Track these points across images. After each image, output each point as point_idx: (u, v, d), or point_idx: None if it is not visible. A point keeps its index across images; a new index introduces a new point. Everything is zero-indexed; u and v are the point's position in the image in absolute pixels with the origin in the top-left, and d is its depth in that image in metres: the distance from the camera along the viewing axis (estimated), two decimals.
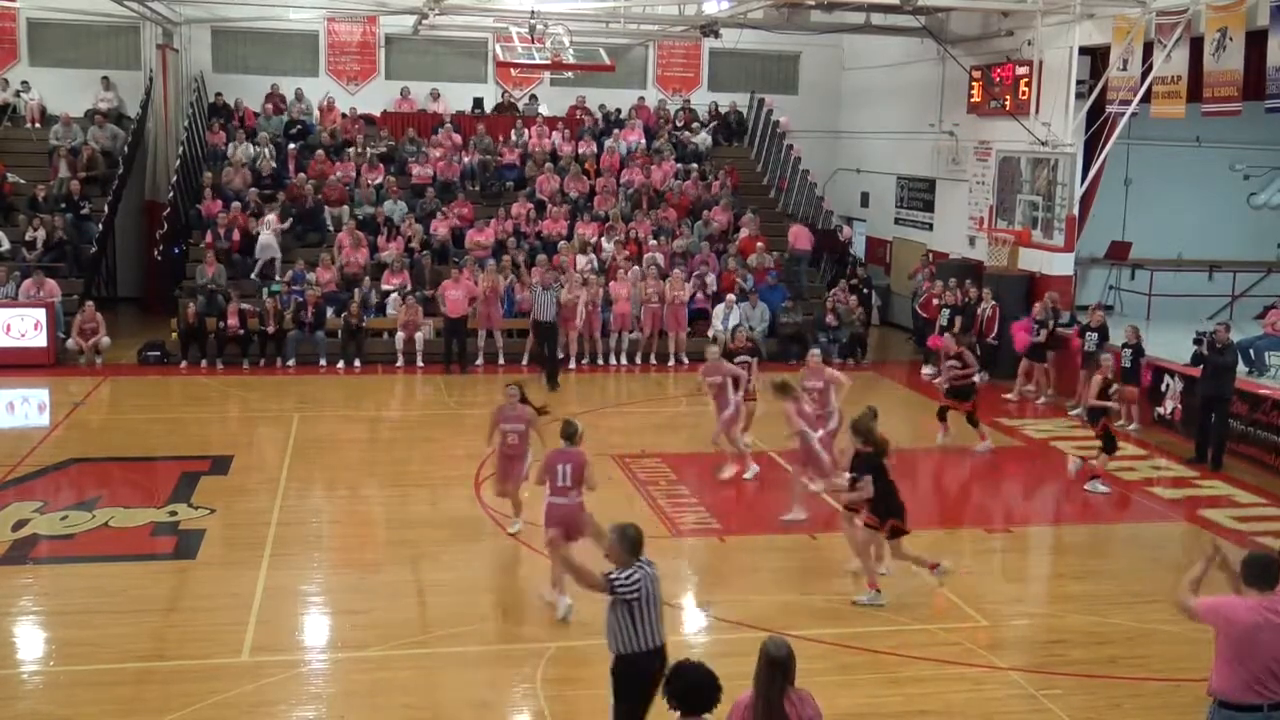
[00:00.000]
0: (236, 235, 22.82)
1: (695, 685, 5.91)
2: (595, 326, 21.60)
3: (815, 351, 15.04)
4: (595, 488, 10.60)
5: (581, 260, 22.91)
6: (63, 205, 23.24)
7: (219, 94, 26.77)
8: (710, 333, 21.96)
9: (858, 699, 8.95)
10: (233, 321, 20.75)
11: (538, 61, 22.59)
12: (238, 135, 25.51)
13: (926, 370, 21.40)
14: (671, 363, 22.03)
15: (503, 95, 28.50)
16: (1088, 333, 18.26)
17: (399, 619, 10.42)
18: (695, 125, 28.27)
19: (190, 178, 25.05)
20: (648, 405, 19.47)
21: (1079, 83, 20.10)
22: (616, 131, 27.57)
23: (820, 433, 13.38)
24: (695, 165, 26.83)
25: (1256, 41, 16.64)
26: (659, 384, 20.85)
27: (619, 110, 28.31)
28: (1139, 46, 18.74)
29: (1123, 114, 19.05)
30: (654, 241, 24.04)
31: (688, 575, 12.03)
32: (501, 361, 21.39)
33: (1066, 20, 19.74)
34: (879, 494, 10.60)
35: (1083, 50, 19.94)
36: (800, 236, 24.99)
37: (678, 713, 5.96)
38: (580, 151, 26.80)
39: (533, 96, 28.54)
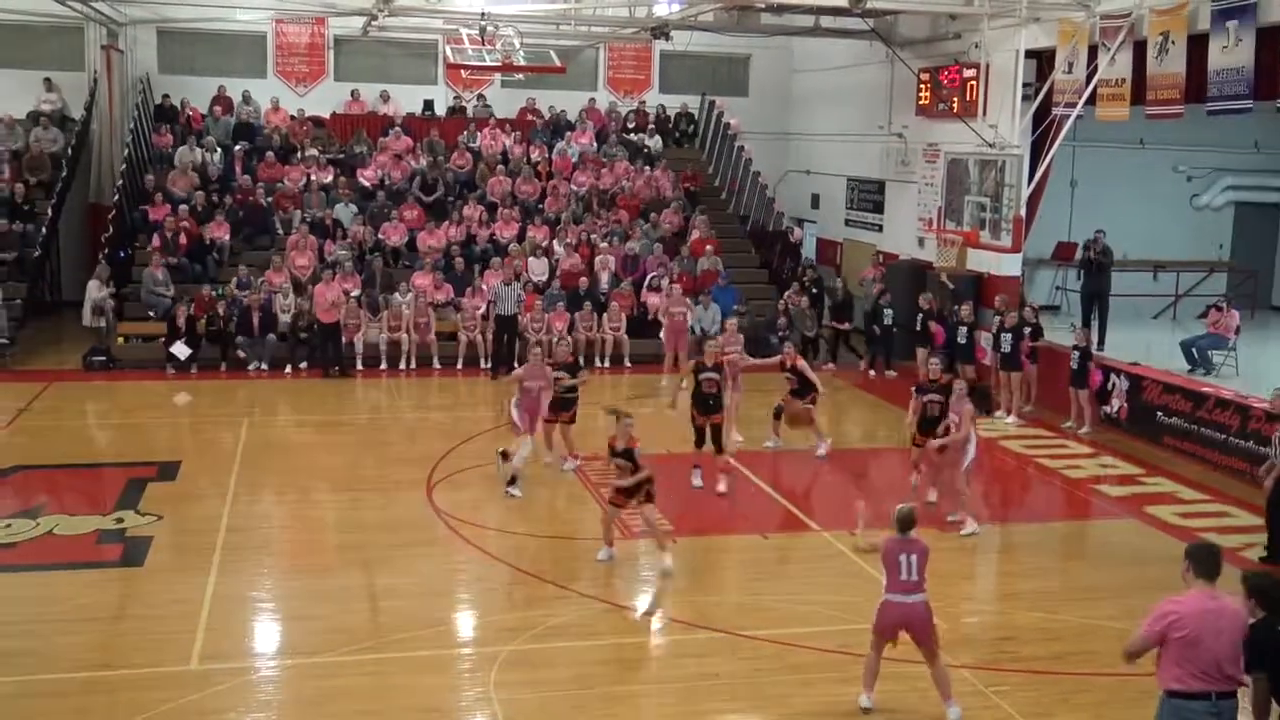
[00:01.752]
0: (184, 239, 22.57)
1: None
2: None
3: (534, 349, 15.38)
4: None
5: (534, 263, 22.88)
6: (5, 208, 22.88)
7: (165, 95, 26.47)
8: (662, 334, 21.98)
9: (811, 699, 8.99)
10: (180, 325, 20.51)
11: (488, 63, 22.51)
12: (187, 138, 25.23)
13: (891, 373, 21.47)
14: (606, 364, 22.01)
15: (454, 98, 28.40)
16: (1074, 351, 17.90)
17: (350, 624, 10.35)
18: (650, 128, 28.33)
19: (136, 180, 24.73)
20: (595, 408, 19.46)
21: (1025, 85, 20.27)
22: (569, 134, 27.56)
23: None
24: (647, 168, 26.86)
25: (1198, 45, 16.87)
26: (612, 386, 20.83)
27: (563, 111, 28.25)
28: (1084, 50, 18.95)
29: (1068, 116, 19.24)
30: (605, 244, 24.04)
31: (641, 577, 12.05)
32: (460, 365, 21.42)
33: (1012, 24, 19.91)
34: None
35: (1029, 53, 20.11)
36: None
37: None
38: (532, 154, 26.75)
39: (480, 96, 28.45)
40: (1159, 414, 16.95)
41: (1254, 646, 6.71)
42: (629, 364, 22.00)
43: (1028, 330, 18.49)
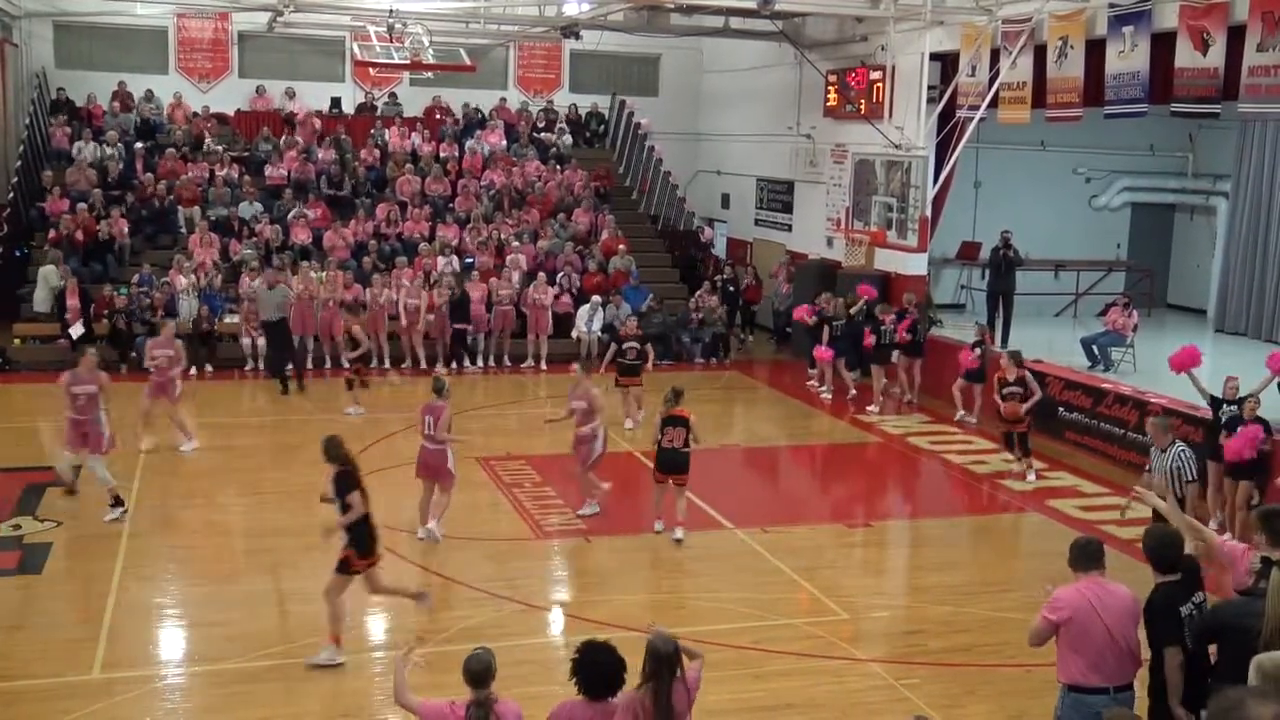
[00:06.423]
0: (82, 236, 22.01)
1: (601, 667, 6.04)
2: (446, 329, 21.33)
3: (574, 366, 14.56)
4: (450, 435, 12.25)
5: (442, 262, 22.70)
6: None
7: (61, 89, 25.80)
8: (574, 334, 21.97)
9: (723, 695, 9.02)
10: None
11: (397, 61, 22.30)
12: (84, 134, 24.61)
13: (812, 383, 21.18)
14: (528, 364, 21.91)
15: (367, 95, 28.08)
16: (976, 347, 18.27)
17: (259, 629, 10.19)
18: (560, 128, 28.28)
19: (32, 178, 24.07)
20: (510, 408, 19.38)
21: (930, 88, 20.61)
22: (479, 132, 27.40)
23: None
24: (559, 167, 26.81)
25: (1095, 50, 17.31)
26: (520, 386, 20.76)
27: (475, 108, 28.10)
28: (986, 53, 19.33)
29: (971, 118, 19.61)
30: (517, 243, 23.93)
31: (555, 577, 12.04)
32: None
33: (917, 27, 20.25)
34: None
35: (933, 56, 20.46)
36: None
37: (581, 694, 6.05)
38: (441, 152, 26.55)
39: (392, 95, 28.19)
40: (1060, 410, 17.32)
41: (1154, 615, 6.66)
42: (544, 365, 21.88)
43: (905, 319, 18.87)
